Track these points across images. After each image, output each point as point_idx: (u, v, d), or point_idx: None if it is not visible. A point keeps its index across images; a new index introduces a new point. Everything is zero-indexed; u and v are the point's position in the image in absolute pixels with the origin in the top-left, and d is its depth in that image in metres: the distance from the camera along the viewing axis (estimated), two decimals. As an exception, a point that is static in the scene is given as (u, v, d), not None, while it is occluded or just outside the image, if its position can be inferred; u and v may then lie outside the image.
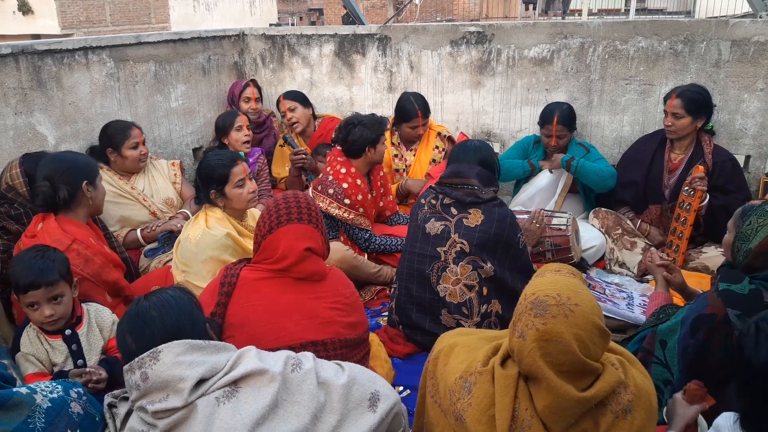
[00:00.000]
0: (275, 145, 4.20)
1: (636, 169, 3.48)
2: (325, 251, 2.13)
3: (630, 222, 3.50)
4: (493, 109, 4.10)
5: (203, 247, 2.53)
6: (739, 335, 1.43)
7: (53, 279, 2.00)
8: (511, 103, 4.04)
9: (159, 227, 3.15)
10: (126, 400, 1.54)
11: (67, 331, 2.07)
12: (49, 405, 1.44)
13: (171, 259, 2.74)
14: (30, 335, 2.05)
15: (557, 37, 3.79)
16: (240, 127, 3.72)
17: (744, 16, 7.75)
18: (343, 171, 3.21)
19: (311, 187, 3.28)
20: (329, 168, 3.25)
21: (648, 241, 3.44)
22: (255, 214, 2.84)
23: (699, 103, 3.21)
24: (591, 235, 3.42)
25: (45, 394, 1.45)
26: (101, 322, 2.19)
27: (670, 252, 3.24)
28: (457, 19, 19.21)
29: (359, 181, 3.23)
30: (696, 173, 3.10)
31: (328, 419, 1.50)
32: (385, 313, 2.97)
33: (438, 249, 2.53)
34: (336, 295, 2.07)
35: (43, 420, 1.40)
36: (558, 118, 3.54)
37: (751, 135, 3.53)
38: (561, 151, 3.64)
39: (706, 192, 3.12)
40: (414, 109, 3.75)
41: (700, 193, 3.09)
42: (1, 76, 2.87)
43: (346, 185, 3.17)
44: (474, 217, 2.52)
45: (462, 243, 2.49)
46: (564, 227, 3.16)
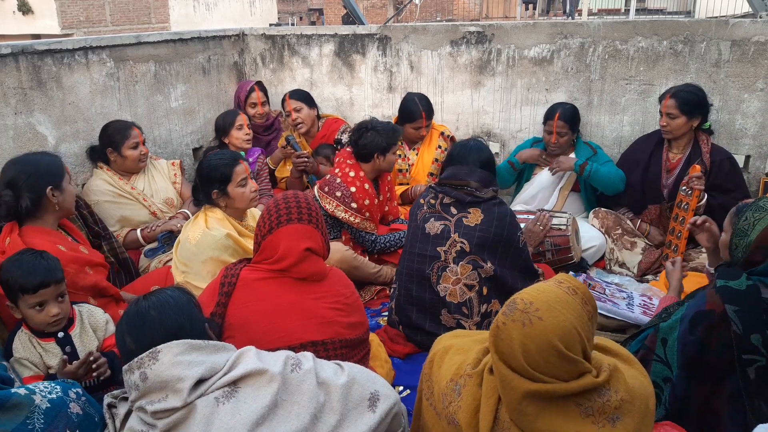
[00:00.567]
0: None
1: (634, 170, 3.48)
2: (325, 251, 2.13)
3: (630, 222, 3.50)
4: (493, 109, 4.10)
5: (203, 248, 2.53)
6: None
7: (60, 276, 2.02)
8: (511, 103, 4.04)
9: (159, 227, 3.15)
10: (125, 400, 1.53)
11: (60, 334, 2.06)
12: (48, 405, 1.43)
13: (171, 259, 2.73)
14: (22, 339, 2.04)
15: (557, 37, 3.79)
16: (241, 126, 3.72)
17: (744, 16, 7.75)
18: (352, 174, 3.20)
19: (317, 187, 3.27)
20: (338, 170, 3.24)
21: (648, 241, 3.44)
22: (255, 214, 2.84)
23: (693, 103, 3.21)
24: (591, 235, 3.42)
25: (44, 394, 1.45)
26: (94, 322, 2.18)
27: (669, 252, 3.24)
28: (457, 19, 19.21)
29: (367, 186, 3.22)
30: (693, 172, 3.11)
31: (328, 419, 1.50)
32: (385, 313, 2.96)
33: (438, 249, 2.52)
34: (336, 295, 2.07)
35: (42, 421, 1.40)
36: (560, 115, 3.55)
37: (751, 135, 3.53)
38: (561, 150, 3.64)
39: (704, 191, 3.13)
40: (418, 109, 3.74)
41: (697, 192, 3.09)
42: (1, 76, 2.87)
43: (354, 189, 3.17)
44: (474, 216, 2.52)
45: (462, 242, 2.49)
46: (564, 227, 3.16)
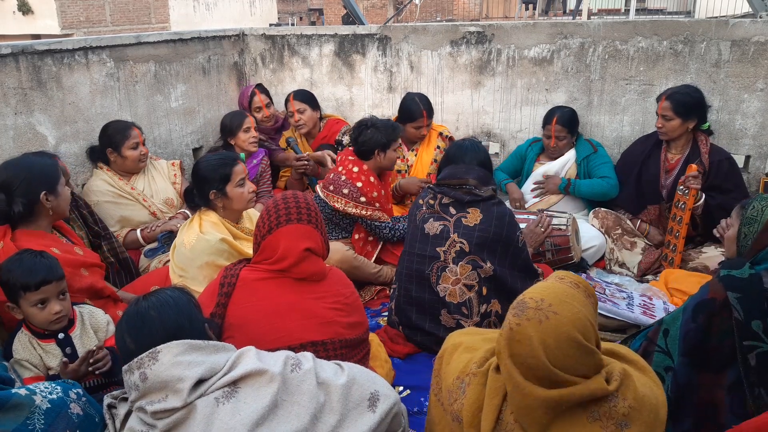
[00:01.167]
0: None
1: (633, 170, 3.48)
2: (325, 251, 2.13)
3: (630, 222, 3.50)
4: (493, 109, 4.10)
5: (198, 253, 2.52)
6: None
7: (61, 274, 2.02)
8: (511, 103, 4.04)
9: (159, 227, 3.15)
10: (125, 400, 1.53)
11: (60, 335, 2.06)
12: (49, 406, 1.44)
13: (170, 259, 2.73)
14: (22, 340, 2.04)
15: (557, 37, 3.79)
16: (248, 128, 3.70)
17: (744, 16, 7.75)
18: (356, 170, 3.21)
19: (321, 186, 3.26)
20: (341, 168, 3.24)
21: (648, 241, 3.44)
22: (252, 216, 2.83)
23: (688, 105, 3.21)
24: (591, 234, 3.42)
25: (44, 395, 1.45)
26: (96, 323, 2.18)
27: (668, 252, 3.24)
28: (457, 19, 19.21)
29: (372, 179, 3.23)
30: (689, 172, 3.11)
31: (328, 419, 1.50)
32: (385, 313, 2.96)
33: (437, 249, 2.53)
34: (336, 295, 2.07)
35: (43, 421, 1.40)
36: (557, 119, 3.57)
37: (751, 135, 3.53)
38: (561, 153, 3.65)
39: (702, 191, 3.13)
40: (419, 109, 3.74)
41: (694, 191, 3.09)
42: (1, 76, 2.87)
43: (360, 184, 3.17)
44: (473, 216, 2.52)
45: (461, 242, 2.49)
46: (564, 227, 3.16)
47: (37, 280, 1.95)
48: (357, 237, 3.30)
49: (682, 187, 3.15)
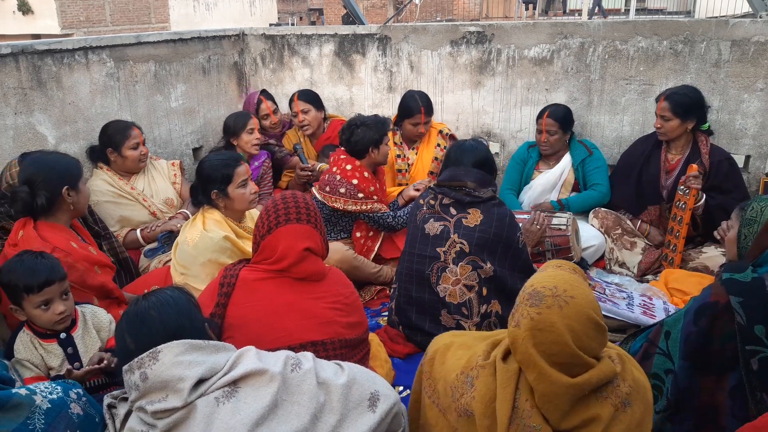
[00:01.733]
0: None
1: (633, 171, 3.48)
2: (325, 251, 2.13)
3: (630, 222, 3.50)
4: (493, 109, 4.10)
5: (201, 250, 2.53)
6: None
7: (63, 274, 2.02)
8: (511, 103, 4.04)
9: (159, 227, 3.15)
10: (125, 400, 1.53)
11: (62, 335, 2.06)
12: (49, 406, 1.44)
13: (171, 259, 2.73)
14: (24, 340, 2.03)
15: (557, 37, 3.79)
16: (252, 130, 3.68)
17: (744, 16, 7.75)
18: (349, 167, 3.22)
19: (317, 188, 3.27)
20: (335, 168, 3.25)
21: (648, 241, 3.44)
22: (254, 215, 2.84)
23: (686, 106, 3.21)
24: (590, 234, 3.42)
25: (45, 395, 1.45)
26: (98, 323, 2.18)
27: (668, 252, 3.24)
28: (457, 19, 19.21)
29: (366, 174, 3.25)
30: (690, 172, 3.11)
31: (328, 419, 1.50)
32: (385, 313, 2.97)
33: (437, 249, 2.53)
34: (335, 295, 2.07)
35: (43, 421, 1.40)
36: (549, 113, 3.56)
37: (751, 135, 3.53)
38: (553, 150, 3.63)
39: (702, 191, 3.13)
40: (417, 105, 3.74)
41: (695, 191, 3.09)
42: (1, 76, 2.87)
43: (356, 181, 3.19)
44: (473, 216, 2.52)
45: (462, 243, 2.49)
46: (564, 227, 3.16)
47: (39, 282, 1.95)
48: (358, 235, 3.31)
49: (682, 187, 3.15)
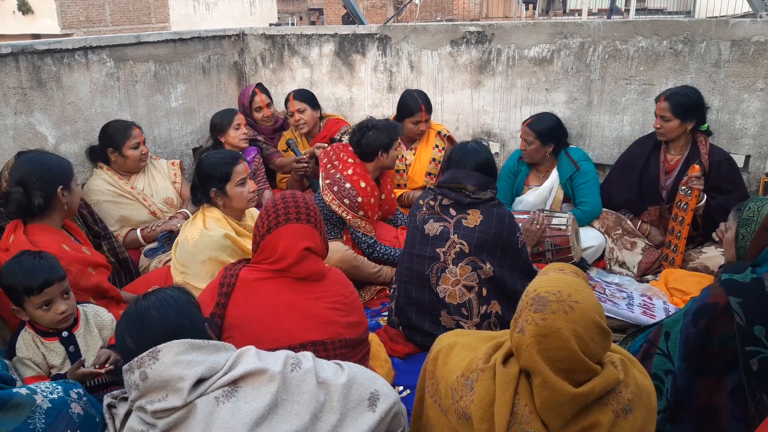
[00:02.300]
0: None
1: (633, 172, 3.47)
2: (324, 251, 2.13)
3: (630, 222, 3.50)
4: (493, 109, 4.10)
5: (201, 248, 2.53)
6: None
7: (63, 273, 2.02)
8: (511, 103, 4.04)
9: (159, 227, 3.15)
10: (125, 400, 1.54)
11: (64, 333, 2.06)
12: (50, 405, 1.44)
13: (171, 258, 2.74)
14: (25, 339, 2.04)
15: (557, 37, 3.79)
16: (238, 125, 3.70)
17: (744, 16, 7.75)
18: (350, 172, 3.21)
19: (325, 184, 3.25)
20: (339, 164, 3.23)
21: (648, 242, 3.44)
22: (254, 213, 2.84)
23: (686, 106, 3.20)
24: (589, 234, 3.42)
25: (45, 394, 1.45)
26: (100, 322, 2.18)
27: (669, 252, 3.24)
28: (457, 19, 19.21)
29: (363, 183, 3.21)
30: (692, 172, 3.11)
31: (328, 419, 1.50)
32: (385, 313, 2.97)
33: (437, 250, 2.52)
34: (335, 294, 2.07)
35: (44, 421, 1.40)
36: (529, 123, 3.48)
37: (751, 135, 3.53)
38: (531, 159, 3.54)
39: (703, 191, 3.13)
40: (417, 103, 3.74)
41: (696, 192, 3.09)
42: (1, 76, 2.87)
43: (349, 185, 3.17)
44: (473, 217, 2.52)
45: (461, 244, 2.49)
46: (564, 227, 3.16)
47: (39, 282, 1.95)
48: (344, 239, 3.30)
49: (684, 187, 3.15)
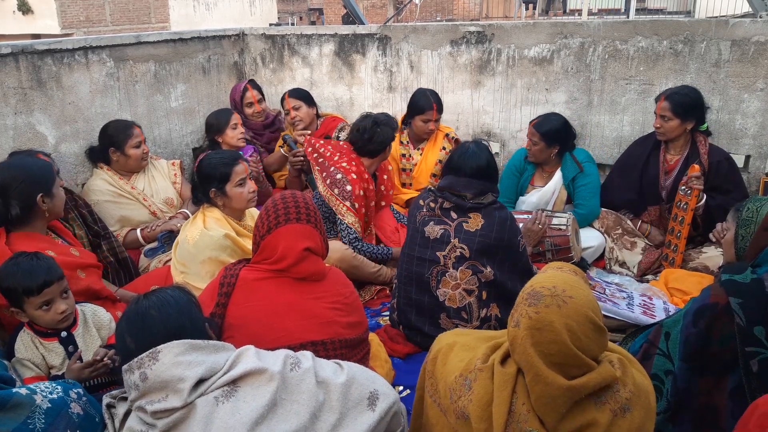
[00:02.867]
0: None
1: (632, 172, 3.46)
2: (324, 251, 2.13)
3: (630, 222, 3.50)
4: (493, 109, 4.10)
5: (201, 248, 2.53)
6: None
7: (61, 273, 2.02)
8: (511, 103, 4.04)
9: (159, 227, 3.15)
10: (125, 400, 1.53)
11: (63, 333, 2.06)
12: (49, 405, 1.44)
13: (171, 258, 2.73)
14: (24, 340, 2.03)
15: (557, 37, 3.79)
16: (236, 125, 3.69)
17: (744, 16, 7.75)
18: (345, 164, 3.21)
19: (323, 185, 3.24)
20: (336, 156, 3.23)
21: (648, 241, 3.44)
22: (254, 213, 2.84)
23: (687, 106, 3.20)
24: (589, 234, 3.42)
25: (45, 394, 1.45)
26: (98, 321, 2.18)
27: (669, 252, 3.24)
28: (457, 19, 19.20)
29: (355, 175, 3.20)
30: (692, 172, 3.11)
31: (328, 418, 1.50)
32: (385, 313, 2.97)
33: (437, 253, 2.51)
34: (335, 295, 2.07)
35: (43, 421, 1.40)
36: (535, 124, 3.48)
37: (751, 135, 3.53)
38: (536, 159, 3.54)
39: (703, 191, 3.13)
40: (429, 102, 3.75)
41: (696, 191, 3.09)
42: (1, 76, 2.87)
43: (340, 175, 3.17)
44: (474, 221, 2.50)
45: (462, 248, 2.48)
46: (564, 227, 3.16)
47: (38, 284, 1.95)
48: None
49: (684, 187, 3.15)
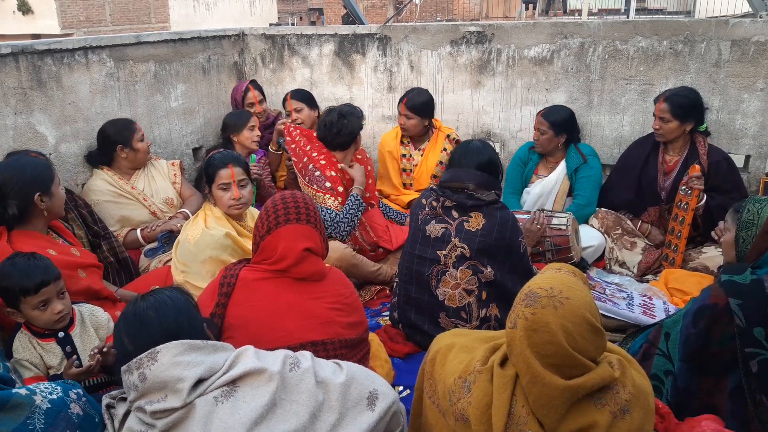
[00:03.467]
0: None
1: (631, 173, 3.47)
2: (325, 251, 2.13)
3: (630, 222, 3.50)
4: (493, 109, 4.10)
5: (202, 247, 2.53)
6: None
7: (58, 273, 2.01)
8: (511, 103, 4.04)
9: (159, 227, 3.15)
10: (124, 400, 1.53)
11: (60, 334, 2.05)
12: (49, 406, 1.44)
13: (171, 258, 2.74)
14: (22, 340, 2.03)
15: (557, 37, 3.79)
16: (253, 126, 3.74)
17: (744, 16, 7.75)
18: (323, 162, 3.28)
19: (304, 183, 3.31)
20: (315, 157, 3.30)
21: (648, 241, 3.44)
22: (254, 214, 2.84)
23: (686, 108, 3.20)
24: (589, 234, 3.42)
25: (44, 395, 1.45)
26: (96, 321, 2.17)
27: (669, 252, 3.24)
28: (457, 19, 19.20)
29: (332, 172, 3.28)
30: (692, 172, 3.11)
31: (327, 418, 1.50)
32: (385, 313, 2.97)
33: (438, 252, 2.51)
34: (335, 295, 2.07)
35: (43, 421, 1.40)
36: (543, 112, 3.54)
37: (751, 135, 3.53)
38: (544, 149, 3.60)
39: (703, 191, 3.12)
40: (403, 97, 3.82)
41: (697, 191, 3.09)
42: (1, 76, 2.87)
43: (318, 173, 3.23)
44: (475, 220, 2.50)
45: (462, 247, 2.47)
46: (564, 227, 3.16)
47: (35, 283, 1.95)
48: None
49: (684, 187, 3.15)
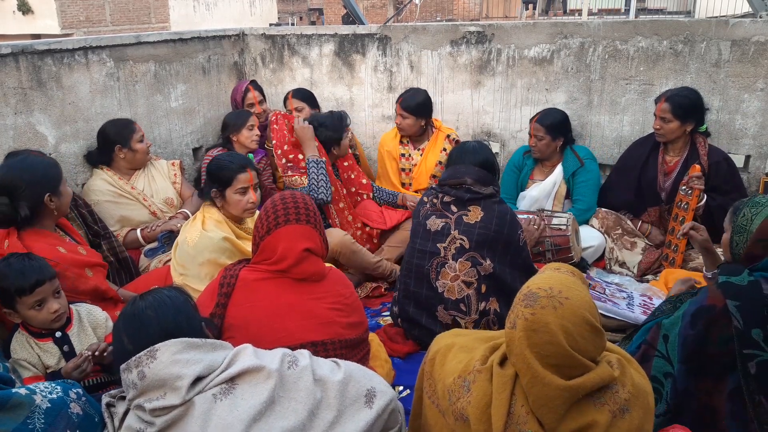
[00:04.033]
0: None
1: (631, 173, 3.46)
2: (324, 251, 2.13)
3: (630, 222, 3.50)
4: (493, 109, 4.10)
5: (200, 250, 2.53)
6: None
7: (53, 273, 2.02)
8: (511, 103, 4.04)
9: (159, 227, 3.15)
10: (123, 399, 1.54)
11: (58, 333, 2.06)
12: (49, 405, 1.44)
13: (171, 258, 2.73)
14: (20, 340, 2.04)
15: (557, 37, 3.79)
16: (252, 126, 3.74)
17: (744, 16, 7.75)
18: (286, 147, 3.37)
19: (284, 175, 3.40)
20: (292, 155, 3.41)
21: (648, 242, 3.44)
22: (254, 215, 2.84)
23: (687, 108, 3.20)
24: (589, 234, 3.42)
25: (44, 394, 1.45)
26: (94, 320, 2.18)
27: (669, 252, 3.24)
28: (457, 19, 19.20)
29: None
30: (693, 172, 3.11)
31: (325, 415, 1.51)
32: (385, 314, 2.98)
33: (437, 245, 2.54)
34: (335, 295, 2.07)
35: (43, 421, 1.40)
36: (538, 118, 3.53)
37: (751, 135, 3.53)
38: (542, 155, 3.58)
39: (703, 192, 3.13)
40: (399, 98, 3.83)
41: (697, 192, 3.09)
42: (1, 76, 2.87)
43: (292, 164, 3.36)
44: (474, 213, 2.53)
45: (462, 239, 2.50)
46: (564, 227, 3.16)
47: (31, 283, 1.95)
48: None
49: (684, 187, 3.15)
